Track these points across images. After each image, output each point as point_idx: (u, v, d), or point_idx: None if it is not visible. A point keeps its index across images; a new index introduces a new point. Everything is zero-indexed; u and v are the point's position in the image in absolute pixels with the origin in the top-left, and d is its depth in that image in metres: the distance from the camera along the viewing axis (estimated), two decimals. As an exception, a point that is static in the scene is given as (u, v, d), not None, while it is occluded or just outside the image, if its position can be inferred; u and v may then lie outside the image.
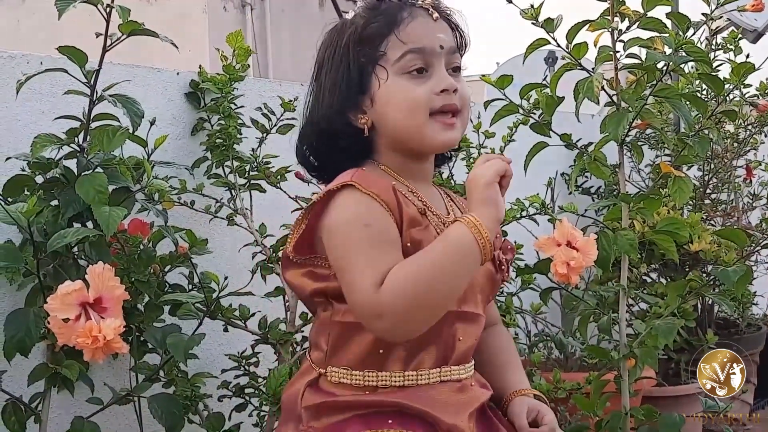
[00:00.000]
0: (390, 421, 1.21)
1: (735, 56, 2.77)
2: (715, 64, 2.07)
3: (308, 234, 1.24)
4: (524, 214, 2.01)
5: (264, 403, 1.80)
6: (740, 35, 2.98)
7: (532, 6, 1.84)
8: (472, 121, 2.16)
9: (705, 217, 3.11)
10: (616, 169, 1.95)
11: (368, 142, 1.30)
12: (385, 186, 1.23)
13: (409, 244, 1.21)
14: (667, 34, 1.80)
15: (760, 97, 3.15)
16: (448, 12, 1.31)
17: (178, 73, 2.06)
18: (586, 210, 2.15)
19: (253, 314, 1.88)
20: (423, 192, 1.31)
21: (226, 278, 1.76)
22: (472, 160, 2.35)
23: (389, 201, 1.21)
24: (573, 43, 1.85)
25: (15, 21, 6.95)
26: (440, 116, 1.27)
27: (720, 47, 2.90)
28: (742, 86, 2.40)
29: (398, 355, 1.24)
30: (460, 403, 1.25)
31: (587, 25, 1.84)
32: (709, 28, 2.38)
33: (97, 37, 1.53)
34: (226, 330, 1.89)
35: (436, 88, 1.26)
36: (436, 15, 1.28)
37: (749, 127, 3.31)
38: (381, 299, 1.15)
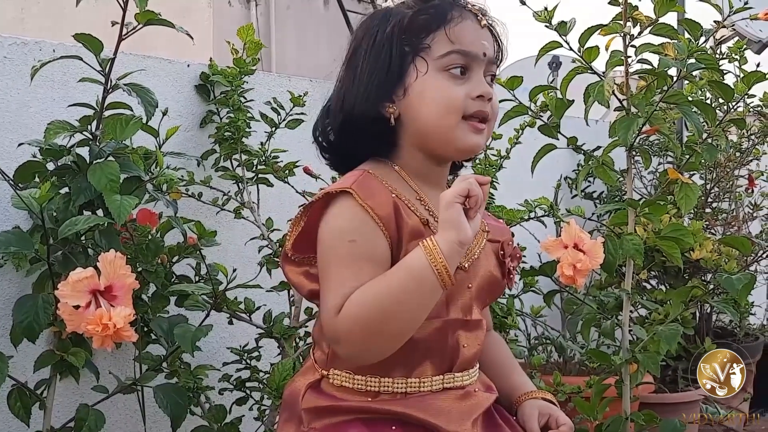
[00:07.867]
0: (393, 428, 1.20)
1: (741, 65, 2.79)
2: (720, 73, 2.07)
3: (307, 233, 1.24)
4: (531, 215, 2.01)
5: (267, 397, 1.80)
6: (745, 45, 3.00)
7: (545, 8, 1.85)
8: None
9: (706, 226, 3.12)
10: (623, 174, 1.95)
11: (391, 135, 1.28)
12: (385, 198, 1.20)
13: None
14: (678, 41, 1.81)
15: (764, 107, 3.18)
16: (494, 21, 1.31)
17: (188, 65, 2.06)
18: (593, 214, 2.15)
19: (258, 308, 1.88)
20: (433, 199, 1.26)
21: (234, 270, 1.76)
22: (477, 161, 2.35)
23: (385, 216, 1.18)
24: (585, 47, 1.85)
25: (20, 10, 6.94)
26: (471, 120, 1.25)
27: (725, 56, 2.91)
28: (746, 96, 2.41)
29: (400, 363, 1.22)
30: (463, 410, 1.23)
31: (599, 30, 1.85)
32: (713, 37, 2.39)
33: (113, 25, 1.52)
34: (230, 323, 1.89)
35: (473, 92, 1.25)
36: (484, 22, 1.28)
37: (752, 137, 3.33)
38: (338, 325, 1.14)
